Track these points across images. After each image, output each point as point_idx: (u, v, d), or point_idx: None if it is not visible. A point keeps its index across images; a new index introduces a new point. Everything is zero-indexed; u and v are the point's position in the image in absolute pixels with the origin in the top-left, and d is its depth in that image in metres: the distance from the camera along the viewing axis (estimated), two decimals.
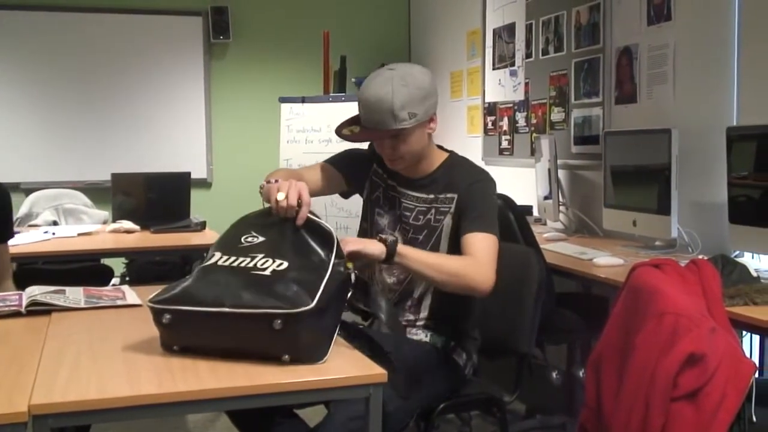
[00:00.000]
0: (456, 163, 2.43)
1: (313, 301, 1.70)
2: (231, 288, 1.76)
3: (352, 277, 1.91)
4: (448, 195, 2.36)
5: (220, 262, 1.87)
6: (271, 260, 1.83)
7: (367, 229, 2.52)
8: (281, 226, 1.93)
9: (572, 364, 3.62)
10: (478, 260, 2.19)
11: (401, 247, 2.14)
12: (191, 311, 1.74)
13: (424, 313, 2.40)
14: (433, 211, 2.37)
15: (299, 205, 1.91)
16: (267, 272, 1.79)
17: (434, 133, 2.39)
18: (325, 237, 1.88)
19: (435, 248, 2.35)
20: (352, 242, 2.06)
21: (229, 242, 1.93)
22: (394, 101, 2.20)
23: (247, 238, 1.94)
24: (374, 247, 2.09)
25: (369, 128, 2.27)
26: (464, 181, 2.34)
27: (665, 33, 3.68)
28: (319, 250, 1.86)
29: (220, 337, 1.75)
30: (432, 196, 2.38)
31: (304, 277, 1.77)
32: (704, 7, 3.45)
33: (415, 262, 2.16)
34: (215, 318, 1.72)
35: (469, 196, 2.31)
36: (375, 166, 2.52)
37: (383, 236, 2.14)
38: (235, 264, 1.84)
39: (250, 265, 1.82)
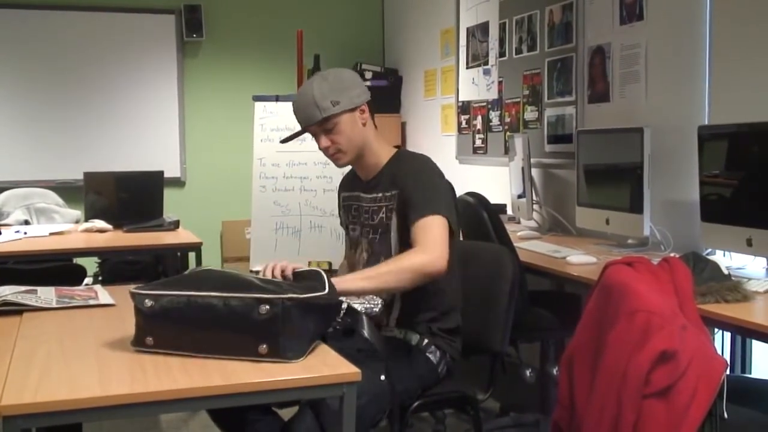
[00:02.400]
0: (400, 158, 2.48)
1: (304, 294, 1.75)
2: (222, 279, 1.81)
3: (344, 306, 2.00)
4: (392, 192, 2.41)
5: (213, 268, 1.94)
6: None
7: (348, 254, 2.61)
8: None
9: (546, 362, 3.64)
10: (420, 247, 2.23)
11: (339, 285, 2.03)
12: (175, 295, 1.77)
13: (395, 314, 2.42)
14: (384, 209, 2.42)
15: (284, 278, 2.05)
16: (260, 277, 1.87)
17: (368, 125, 2.45)
18: (315, 274, 1.96)
19: (386, 245, 2.41)
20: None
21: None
22: (315, 93, 2.34)
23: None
24: None
25: (303, 128, 2.42)
26: (404, 176, 2.39)
27: (637, 32, 3.72)
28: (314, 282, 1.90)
29: (199, 325, 1.76)
30: (380, 194, 2.44)
31: (299, 285, 1.85)
32: (676, 7, 3.48)
33: (358, 287, 2.17)
34: (199, 302, 1.75)
35: (407, 187, 2.35)
36: (342, 193, 2.65)
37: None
38: (230, 270, 1.89)
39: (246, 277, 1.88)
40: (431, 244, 2.23)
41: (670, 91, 3.53)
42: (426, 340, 2.41)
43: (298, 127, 2.45)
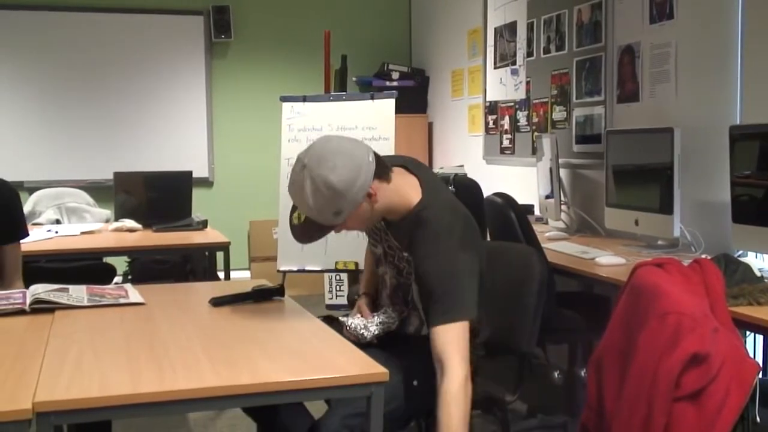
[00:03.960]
0: (420, 219, 2.19)
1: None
2: None
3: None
4: (406, 254, 2.24)
5: None
6: None
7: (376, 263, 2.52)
8: None
9: (574, 364, 3.62)
10: (446, 379, 2.04)
11: None
12: None
13: (414, 324, 2.40)
14: (405, 262, 2.27)
15: None
16: None
17: (381, 195, 2.15)
18: None
19: (409, 293, 2.29)
20: None
21: None
22: (313, 209, 2.08)
23: None
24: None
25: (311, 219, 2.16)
26: (419, 250, 2.17)
27: (667, 31, 3.68)
28: None
29: None
30: (401, 246, 2.26)
31: None
32: (707, 5, 3.44)
33: None
34: None
35: (425, 274, 2.14)
36: None
37: None
38: None
39: None
40: (453, 371, 2.03)
41: (701, 90, 3.49)
42: None
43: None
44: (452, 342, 2.06)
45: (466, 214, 2.24)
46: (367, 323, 2.30)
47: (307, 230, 2.17)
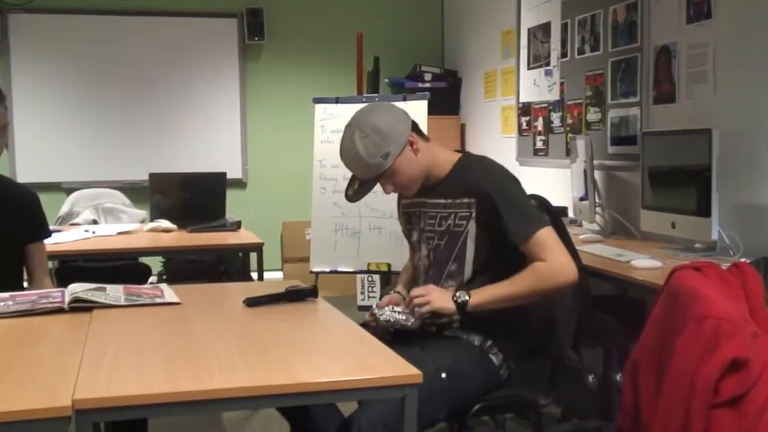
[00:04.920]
0: (468, 164, 2.46)
1: None
2: None
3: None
4: (465, 200, 2.39)
5: None
6: None
7: (412, 256, 2.62)
8: None
9: (608, 368, 3.58)
10: (549, 262, 2.28)
11: (473, 301, 2.29)
12: None
13: (456, 314, 2.41)
14: (453, 216, 2.41)
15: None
16: None
17: (421, 149, 2.43)
18: None
19: (461, 253, 2.39)
20: (430, 305, 2.29)
21: None
22: (362, 154, 2.33)
23: None
24: (445, 306, 2.30)
25: (363, 180, 2.43)
26: (481, 186, 2.37)
27: (705, 31, 3.63)
28: None
29: None
30: (450, 200, 2.42)
31: None
32: (745, 4, 3.40)
33: (493, 304, 2.31)
34: None
35: (497, 203, 2.33)
36: (403, 200, 2.64)
37: (456, 295, 2.29)
38: None
39: None
40: (557, 259, 2.28)
41: (740, 91, 3.44)
42: (489, 342, 2.40)
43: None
44: (548, 243, 2.30)
45: None
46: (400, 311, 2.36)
47: (358, 193, 2.46)
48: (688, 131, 3.40)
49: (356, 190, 2.46)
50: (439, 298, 2.30)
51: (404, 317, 2.32)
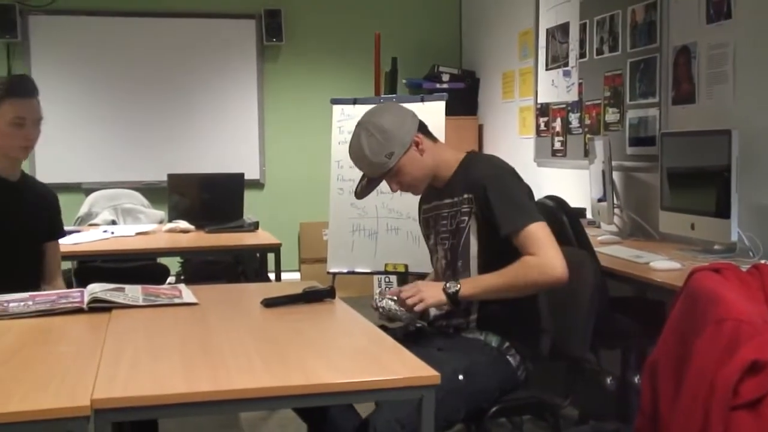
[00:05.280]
0: (471, 163, 2.48)
1: None
2: None
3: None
4: (465, 195, 2.41)
5: None
6: None
7: (431, 260, 2.64)
8: None
9: (627, 370, 3.56)
10: (539, 257, 2.27)
11: (464, 291, 2.30)
12: None
13: (473, 315, 2.41)
14: (458, 213, 2.43)
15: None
16: None
17: (427, 149, 2.46)
18: None
19: (465, 248, 2.41)
20: (423, 302, 2.31)
21: None
22: (367, 153, 2.38)
23: None
24: (438, 300, 2.32)
25: (370, 178, 2.48)
26: (479, 180, 2.38)
27: (725, 31, 3.61)
28: None
29: None
30: (455, 199, 2.44)
31: None
32: (766, 4, 3.37)
33: (484, 294, 2.34)
34: None
35: (489, 194, 2.34)
36: (423, 206, 2.65)
37: (447, 286, 2.31)
38: None
39: None
40: (548, 255, 2.28)
41: (760, 92, 3.41)
42: (506, 343, 2.39)
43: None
44: (540, 238, 2.29)
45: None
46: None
47: (366, 189, 2.49)
48: (707, 132, 3.38)
49: (363, 186, 2.50)
50: (430, 294, 2.31)
51: (399, 310, 2.34)
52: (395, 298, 2.36)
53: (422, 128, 2.48)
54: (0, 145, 2.73)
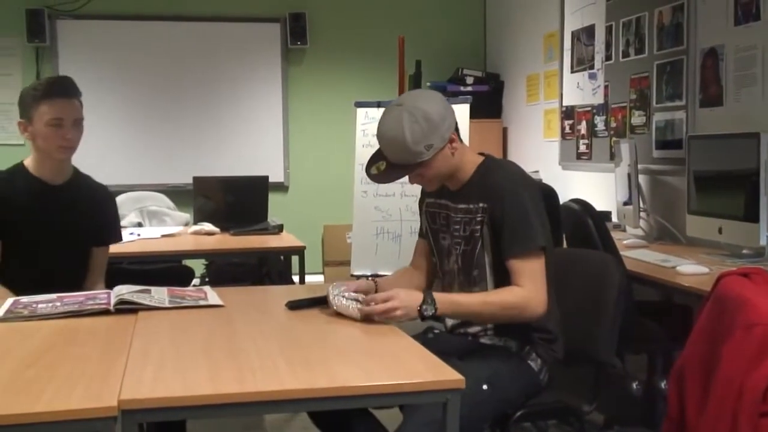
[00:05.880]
0: (488, 169, 2.39)
1: None
2: None
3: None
4: (480, 204, 2.33)
5: None
6: None
7: (436, 262, 2.56)
8: None
9: (653, 375, 3.53)
10: (524, 292, 2.23)
11: (441, 309, 2.22)
12: None
13: (491, 324, 2.39)
14: (473, 221, 2.36)
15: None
16: None
17: (457, 150, 2.36)
18: None
19: (480, 259, 2.35)
20: (400, 311, 2.17)
21: None
22: (408, 139, 2.23)
23: None
24: (411, 317, 2.20)
25: (393, 164, 2.32)
26: (495, 192, 2.30)
27: (754, 33, 3.57)
28: None
29: None
30: (470, 205, 2.37)
31: None
32: None
33: (457, 316, 2.34)
34: None
35: (502, 211, 2.27)
36: (426, 199, 2.58)
37: (423, 308, 2.19)
38: None
39: None
40: (532, 291, 2.23)
41: None
42: (526, 347, 2.38)
43: None
44: (529, 272, 2.23)
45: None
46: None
47: (387, 175, 2.35)
48: (735, 135, 3.34)
49: (383, 172, 2.34)
50: (405, 307, 2.17)
51: (351, 307, 2.23)
52: (351, 294, 2.27)
53: (456, 127, 2.38)
54: (41, 147, 2.76)
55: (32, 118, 2.73)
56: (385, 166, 2.33)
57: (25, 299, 2.42)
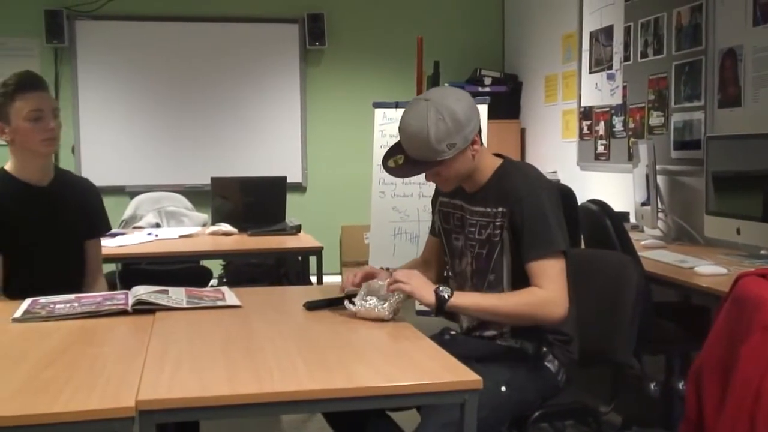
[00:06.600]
0: (506, 172, 2.36)
1: None
2: None
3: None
4: (499, 208, 2.30)
5: None
6: None
7: (448, 261, 2.54)
8: None
9: (671, 376, 3.52)
10: (544, 293, 2.18)
11: (455, 300, 2.20)
12: None
13: (507, 328, 2.37)
14: (491, 225, 2.33)
15: None
16: None
17: (479, 150, 2.32)
18: None
19: (498, 263, 2.33)
20: (409, 286, 2.20)
21: None
22: (431, 136, 2.20)
23: None
24: (427, 298, 2.19)
25: (412, 159, 2.28)
26: (514, 195, 2.27)
27: None
28: None
29: None
30: (488, 209, 2.33)
31: None
32: None
33: (474, 310, 2.27)
34: None
35: (521, 215, 2.24)
36: (440, 198, 2.55)
37: (440, 289, 2.20)
38: None
39: None
40: (553, 294, 2.18)
41: None
42: (544, 349, 2.37)
43: None
44: (551, 275, 2.19)
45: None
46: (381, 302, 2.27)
47: (404, 170, 2.30)
48: (754, 136, 3.32)
49: (400, 166, 2.30)
50: (420, 285, 2.21)
51: (378, 308, 2.24)
52: (370, 299, 2.28)
53: (479, 129, 2.34)
54: (24, 144, 2.67)
55: (9, 117, 2.64)
56: (403, 161, 2.30)
57: (42, 299, 2.44)
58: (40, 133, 2.66)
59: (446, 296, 2.18)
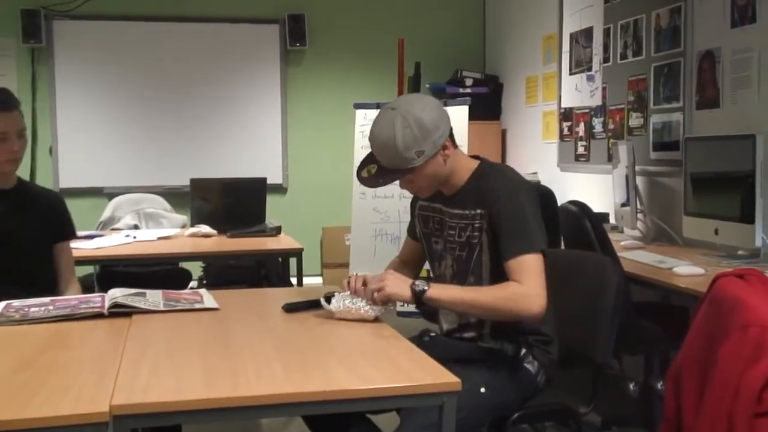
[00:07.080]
0: (484, 174, 2.36)
1: None
2: None
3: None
4: (478, 210, 2.31)
5: None
6: None
7: (429, 265, 2.56)
8: None
9: (650, 376, 3.53)
10: (522, 288, 2.17)
11: (432, 292, 2.21)
12: None
13: (486, 330, 2.38)
14: (470, 227, 2.34)
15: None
16: None
17: (450, 155, 2.33)
18: None
19: (477, 265, 2.33)
20: (385, 287, 2.23)
21: None
22: (399, 144, 2.22)
23: None
24: (403, 294, 2.22)
25: (384, 168, 2.30)
26: (492, 196, 2.28)
27: (750, 36, 3.57)
28: None
29: None
30: (467, 211, 2.34)
31: None
32: None
33: (451, 303, 2.26)
34: None
35: (499, 214, 2.25)
36: (419, 201, 2.55)
37: (415, 284, 2.22)
38: None
39: None
40: (532, 289, 2.16)
41: None
42: (523, 350, 2.37)
43: None
44: (529, 271, 2.18)
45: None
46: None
47: (377, 179, 2.32)
48: (731, 137, 3.34)
49: (374, 176, 2.32)
50: (395, 284, 2.23)
51: (363, 310, 2.25)
52: (355, 299, 2.29)
53: (450, 132, 2.35)
54: None
55: None
56: (376, 170, 2.32)
57: (16, 303, 2.41)
58: (4, 154, 2.73)
59: (423, 289, 2.20)
